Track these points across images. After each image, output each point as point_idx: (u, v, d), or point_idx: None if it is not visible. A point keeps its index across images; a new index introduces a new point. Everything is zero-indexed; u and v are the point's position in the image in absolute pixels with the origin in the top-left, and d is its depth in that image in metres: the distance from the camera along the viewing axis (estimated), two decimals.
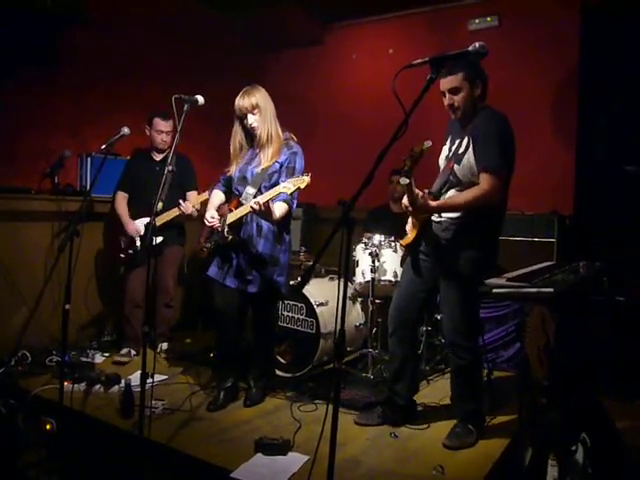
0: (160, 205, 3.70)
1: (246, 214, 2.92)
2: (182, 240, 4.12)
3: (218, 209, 3.09)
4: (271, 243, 3.02)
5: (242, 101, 2.93)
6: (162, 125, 3.86)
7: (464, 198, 2.56)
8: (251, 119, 2.94)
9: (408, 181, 2.42)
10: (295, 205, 3.02)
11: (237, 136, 3.06)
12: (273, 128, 2.97)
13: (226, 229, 2.95)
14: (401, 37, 5.28)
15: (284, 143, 3.01)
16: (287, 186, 2.69)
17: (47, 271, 3.79)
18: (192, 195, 3.91)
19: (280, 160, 2.97)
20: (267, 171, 2.96)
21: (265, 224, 3.00)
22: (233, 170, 3.09)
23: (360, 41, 5.61)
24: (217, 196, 3.18)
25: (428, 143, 2.43)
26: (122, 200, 3.97)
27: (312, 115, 5.52)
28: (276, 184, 2.89)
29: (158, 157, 3.98)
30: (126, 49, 4.51)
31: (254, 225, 3.01)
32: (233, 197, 3.08)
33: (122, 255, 3.86)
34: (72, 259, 2.65)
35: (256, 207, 2.73)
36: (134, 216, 3.90)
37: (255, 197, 2.85)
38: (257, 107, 2.92)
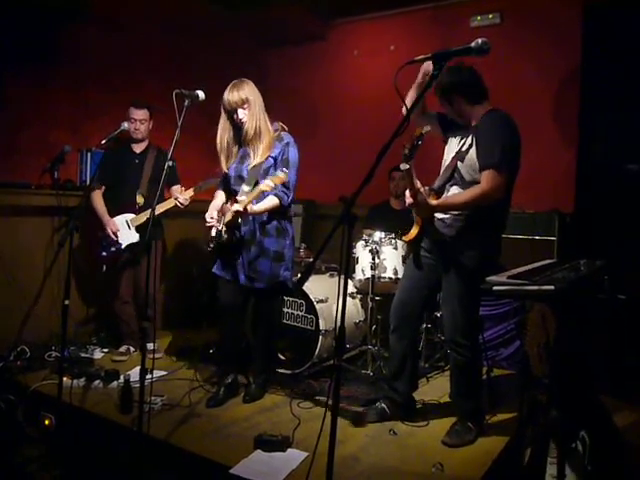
0: (142, 200, 3.65)
1: (238, 216, 2.86)
2: (158, 235, 3.87)
3: (220, 209, 3.06)
4: (275, 239, 3.01)
5: (231, 95, 2.86)
6: (134, 113, 3.72)
7: (463, 198, 2.55)
8: (241, 114, 2.88)
9: (408, 166, 2.40)
10: (289, 198, 2.96)
11: (225, 133, 2.99)
12: (262, 122, 2.91)
13: (223, 229, 2.93)
14: (402, 34, 5.26)
15: (275, 136, 2.95)
16: (267, 183, 2.70)
17: (47, 266, 3.79)
18: (177, 190, 3.80)
19: (274, 154, 2.94)
20: (261, 167, 2.92)
21: (267, 221, 2.98)
22: (224, 166, 3.05)
23: (361, 38, 5.58)
24: (219, 197, 3.16)
25: (427, 127, 2.41)
26: (99, 194, 3.79)
27: (313, 111, 5.51)
28: None
29: (137, 149, 3.84)
30: (126, 45, 4.49)
31: (256, 223, 2.99)
32: (231, 197, 3.05)
33: (104, 254, 3.71)
34: (72, 254, 2.65)
35: (239, 209, 2.73)
36: (111, 211, 3.75)
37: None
38: (247, 102, 2.86)
